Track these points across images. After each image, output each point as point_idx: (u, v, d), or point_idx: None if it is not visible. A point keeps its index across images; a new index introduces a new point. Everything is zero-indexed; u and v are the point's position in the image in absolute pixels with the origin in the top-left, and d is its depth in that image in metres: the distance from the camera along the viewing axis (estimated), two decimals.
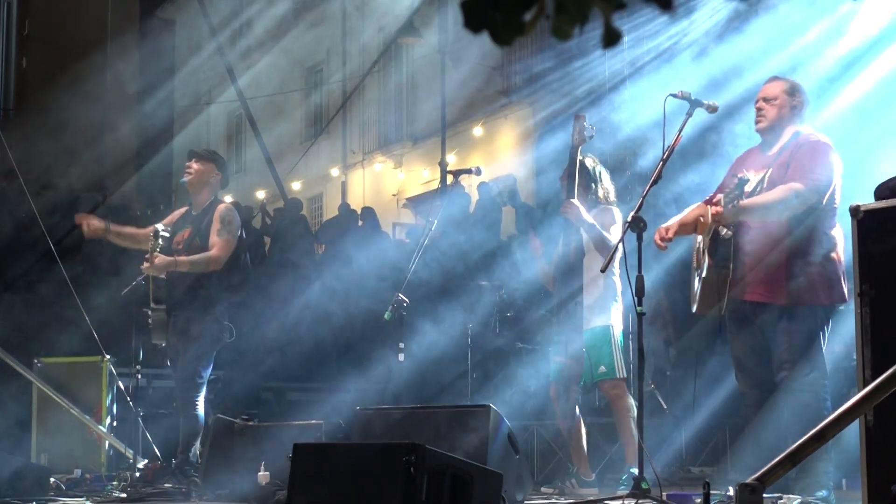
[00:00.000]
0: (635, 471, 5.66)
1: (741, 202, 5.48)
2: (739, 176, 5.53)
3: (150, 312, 7.50)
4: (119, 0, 22.58)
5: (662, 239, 5.96)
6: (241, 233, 7.69)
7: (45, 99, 20.76)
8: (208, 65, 31.37)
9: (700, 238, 5.98)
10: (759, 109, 5.97)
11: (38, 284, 11.63)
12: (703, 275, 5.79)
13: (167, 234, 7.43)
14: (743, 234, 5.81)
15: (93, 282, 10.86)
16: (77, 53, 21.79)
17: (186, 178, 7.77)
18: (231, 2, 31.20)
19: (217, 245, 7.47)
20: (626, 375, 7.08)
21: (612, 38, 1.43)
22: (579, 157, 6.95)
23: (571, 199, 6.89)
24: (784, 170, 5.75)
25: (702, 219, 5.88)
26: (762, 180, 5.82)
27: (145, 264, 7.33)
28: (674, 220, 6.06)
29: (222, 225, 7.54)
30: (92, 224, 7.62)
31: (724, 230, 5.80)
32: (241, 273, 7.68)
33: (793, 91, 5.96)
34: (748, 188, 5.67)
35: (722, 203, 5.55)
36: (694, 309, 6.01)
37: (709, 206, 5.79)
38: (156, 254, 7.26)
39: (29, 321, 11.10)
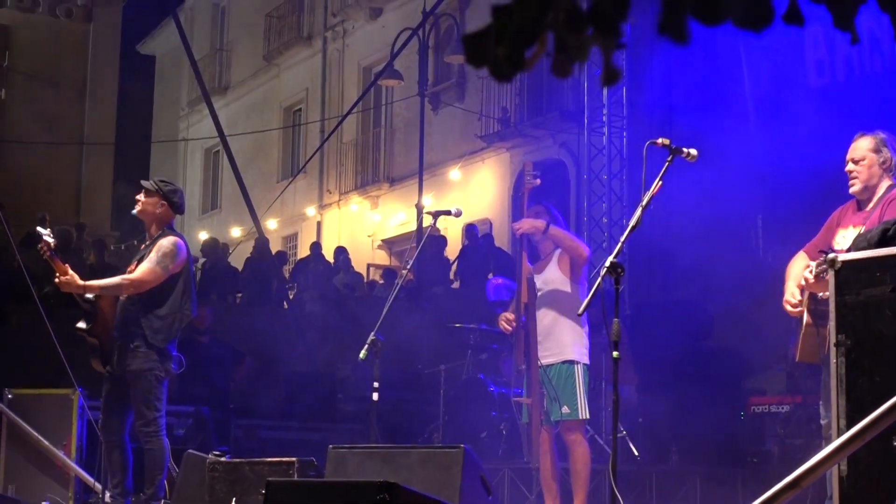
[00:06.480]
0: None
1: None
2: (827, 253, 5.66)
3: (85, 336, 7.36)
4: (100, 34, 22.61)
5: (795, 307, 5.98)
6: (184, 268, 7.44)
7: (23, 131, 20.71)
8: (187, 100, 31.48)
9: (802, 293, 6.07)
10: (849, 172, 6.01)
11: (11, 315, 11.54)
12: (803, 331, 5.87)
13: (49, 240, 7.20)
14: None
15: (66, 313, 10.78)
16: (57, 86, 21.81)
17: (135, 211, 7.70)
18: (212, 39, 31.36)
19: (140, 270, 7.25)
20: (587, 417, 6.95)
21: (611, 77, 1.46)
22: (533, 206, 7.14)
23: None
24: None
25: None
26: None
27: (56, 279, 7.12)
28: (791, 285, 6.01)
29: (156, 254, 7.34)
30: (73, 281, 7.18)
31: (822, 293, 5.84)
32: (171, 308, 7.44)
33: (879, 148, 5.98)
34: (845, 248, 5.74)
35: (812, 274, 5.63)
36: (797, 357, 6.07)
37: (802, 274, 5.87)
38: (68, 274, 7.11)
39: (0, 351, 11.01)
